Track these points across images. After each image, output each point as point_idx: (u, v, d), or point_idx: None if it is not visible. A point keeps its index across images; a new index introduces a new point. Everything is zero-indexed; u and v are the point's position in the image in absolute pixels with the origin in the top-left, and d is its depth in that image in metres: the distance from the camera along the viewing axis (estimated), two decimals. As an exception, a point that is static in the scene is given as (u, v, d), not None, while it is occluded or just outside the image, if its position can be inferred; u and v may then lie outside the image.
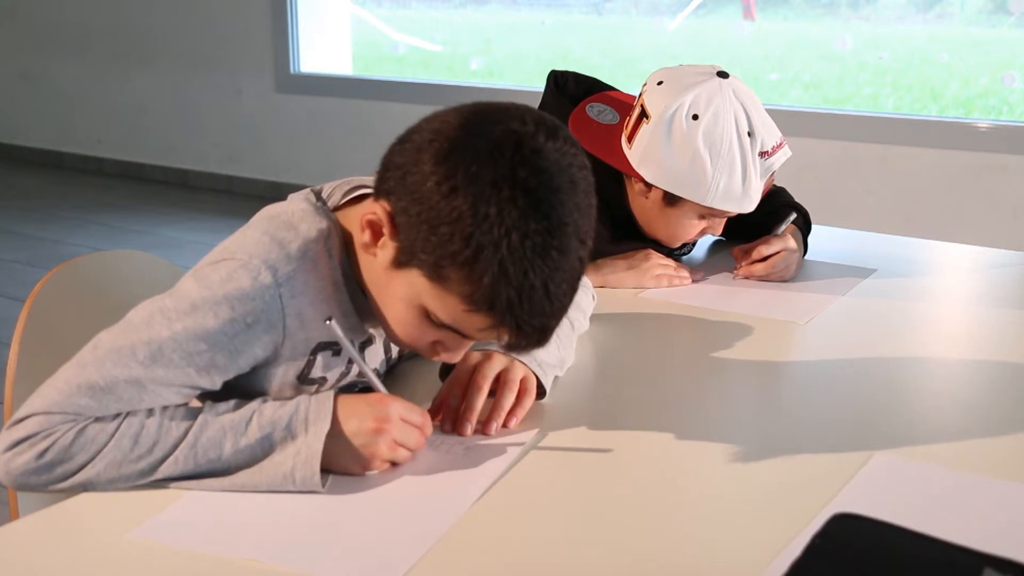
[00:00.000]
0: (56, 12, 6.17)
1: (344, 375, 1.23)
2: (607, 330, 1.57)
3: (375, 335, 1.25)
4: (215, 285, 1.09)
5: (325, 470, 1.07)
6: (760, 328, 1.60)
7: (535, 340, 1.07)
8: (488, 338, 1.09)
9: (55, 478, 1.04)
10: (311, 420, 1.07)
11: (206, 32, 5.69)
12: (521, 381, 1.24)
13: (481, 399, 1.21)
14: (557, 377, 1.33)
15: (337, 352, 1.19)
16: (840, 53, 7.94)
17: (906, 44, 8.55)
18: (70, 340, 1.15)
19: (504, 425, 1.21)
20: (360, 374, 1.20)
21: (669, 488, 1.11)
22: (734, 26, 8.35)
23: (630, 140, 1.74)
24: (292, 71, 5.48)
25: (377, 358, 1.29)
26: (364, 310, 1.18)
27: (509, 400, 1.22)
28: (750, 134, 1.69)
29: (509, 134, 1.02)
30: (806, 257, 1.92)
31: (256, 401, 1.10)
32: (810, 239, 1.94)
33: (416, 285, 1.07)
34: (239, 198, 5.58)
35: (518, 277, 1.00)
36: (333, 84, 5.48)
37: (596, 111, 1.83)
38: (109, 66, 6.05)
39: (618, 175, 1.79)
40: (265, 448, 1.06)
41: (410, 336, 1.13)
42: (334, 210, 1.19)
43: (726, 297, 1.75)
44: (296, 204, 1.17)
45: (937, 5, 7.91)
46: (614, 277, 1.78)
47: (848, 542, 0.98)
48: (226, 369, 1.10)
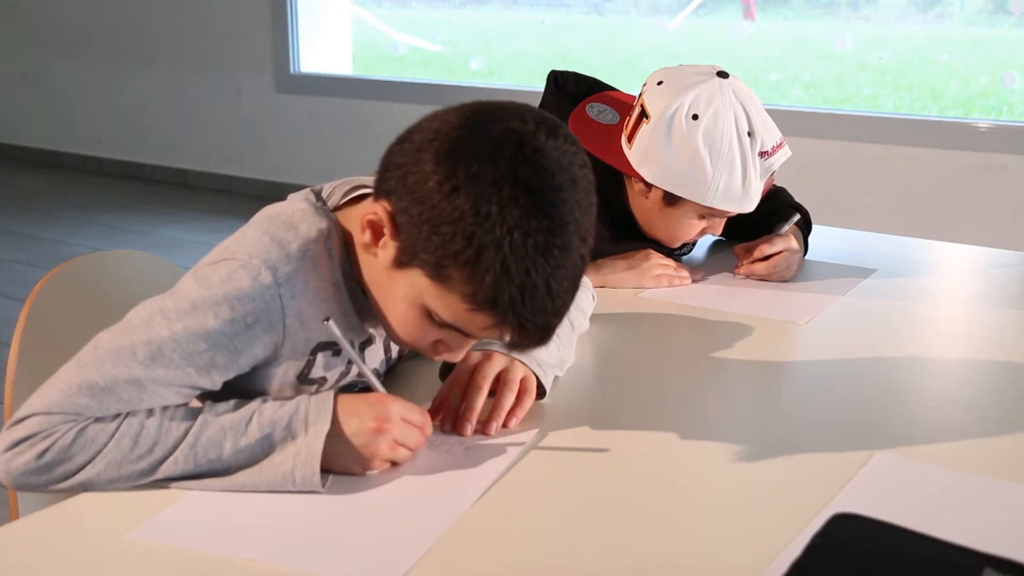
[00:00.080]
0: (56, 12, 6.17)
1: (344, 375, 1.23)
2: (607, 330, 1.57)
3: (375, 335, 1.25)
4: (215, 285, 1.09)
5: (325, 470, 1.07)
6: (760, 328, 1.60)
7: (537, 338, 1.07)
8: (490, 337, 1.09)
9: (55, 478, 1.04)
10: (311, 420, 1.07)
11: (206, 32, 5.69)
12: (521, 381, 1.24)
13: (481, 399, 1.21)
14: (557, 377, 1.33)
15: (337, 352, 1.19)
16: (840, 53, 7.94)
17: (906, 44, 8.54)
18: (70, 340, 1.15)
19: (504, 425, 1.21)
20: (360, 374, 1.20)
21: (669, 488, 1.11)
22: (734, 26, 8.35)
23: (630, 140, 1.74)
24: (292, 71, 5.48)
25: (377, 358, 1.29)
26: (364, 310, 1.18)
27: (509, 400, 1.22)
28: (750, 134, 1.69)
29: (510, 133, 1.02)
30: (806, 257, 1.92)
31: (256, 401, 1.10)
32: (810, 239, 1.94)
33: (418, 285, 1.06)
34: (239, 198, 5.58)
35: (520, 276, 1.00)
36: (333, 84, 5.48)
37: (596, 111, 1.83)
38: (109, 66, 6.05)
39: (618, 175, 1.79)
40: (265, 448, 1.06)
41: (412, 336, 1.13)
42: (334, 210, 1.19)
43: (726, 297, 1.75)
44: (296, 204, 1.17)
45: (937, 5, 7.91)
46: (614, 277, 1.78)
47: (848, 542, 0.98)
48: (226, 369, 1.10)
